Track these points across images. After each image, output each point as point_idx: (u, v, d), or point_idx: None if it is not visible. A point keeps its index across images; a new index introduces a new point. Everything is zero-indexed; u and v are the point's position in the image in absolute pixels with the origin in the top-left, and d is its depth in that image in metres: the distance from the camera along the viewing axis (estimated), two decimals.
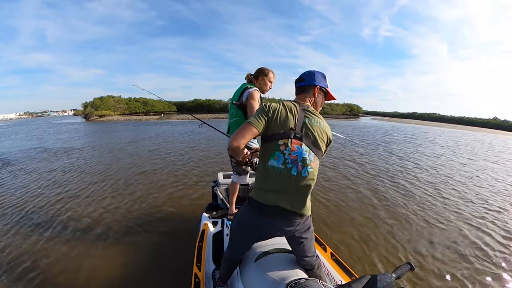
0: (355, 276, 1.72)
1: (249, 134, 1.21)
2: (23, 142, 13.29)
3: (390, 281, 0.95)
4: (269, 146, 1.26)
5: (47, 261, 2.83)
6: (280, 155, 1.22)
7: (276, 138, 1.24)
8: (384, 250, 3.16)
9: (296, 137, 1.24)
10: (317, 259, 1.46)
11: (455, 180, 6.62)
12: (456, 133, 27.11)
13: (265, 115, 1.26)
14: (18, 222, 3.72)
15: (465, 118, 76.15)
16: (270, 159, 1.24)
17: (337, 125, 28.69)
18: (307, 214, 1.32)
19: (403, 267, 1.04)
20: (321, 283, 1.14)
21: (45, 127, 24.33)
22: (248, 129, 1.22)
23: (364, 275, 0.99)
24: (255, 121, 1.23)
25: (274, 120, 1.25)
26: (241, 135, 1.20)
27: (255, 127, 1.22)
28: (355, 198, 4.95)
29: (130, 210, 4.17)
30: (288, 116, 1.26)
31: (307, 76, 1.40)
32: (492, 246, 3.35)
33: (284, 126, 1.24)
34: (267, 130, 1.26)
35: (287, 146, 1.22)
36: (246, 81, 2.38)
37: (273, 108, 1.28)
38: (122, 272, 2.64)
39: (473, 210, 4.56)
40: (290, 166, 1.22)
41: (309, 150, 1.24)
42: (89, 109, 38.99)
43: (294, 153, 1.21)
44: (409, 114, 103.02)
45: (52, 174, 6.37)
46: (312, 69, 1.42)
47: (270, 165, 1.24)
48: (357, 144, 8.51)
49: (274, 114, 1.26)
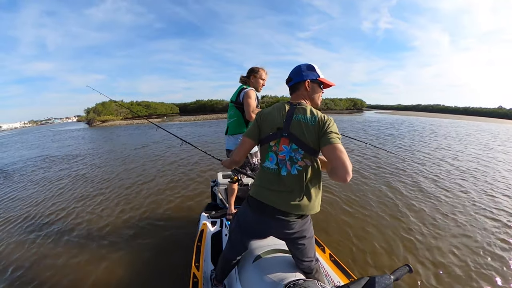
0: (353, 277, 1.71)
1: (247, 145, 1.36)
2: (23, 151, 13.23)
3: (389, 282, 0.95)
4: (264, 148, 1.34)
5: (46, 261, 2.90)
6: (273, 155, 1.29)
7: (268, 139, 1.30)
8: (384, 251, 3.05)
9: (283, 136, 1.26)
10: (316, 263, 1.45)
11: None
12: (477, 125, 26.28)
13: (256, 122, 1.36)
14: (20, 228, 3.76)
15: (470, 108, 74.98)
16: (266, 160, 1.32)
17: (343, 120, 28.22)
18: (305, 214, 1.29)
19: (401, 269, 1.04)
20: (319, 284, 1.16)
21: (41, 135, 24.30)
22: (245, 141, 1.37)
23: (362, 277, 0.99)
24: (249, 132, 1.36)
25: (264, 124, 1.32)
26: (242, 150, 1.39)
27: (250, 138, 1.35)
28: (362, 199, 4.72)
29: (129, 209, 4.16)
30: (276, 117, 1.30)
31: (295, 73, 1.37)
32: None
33: (272, 127, 1.29)
34: (260, 134, 1.34)
35: (277, 147, 1.27)
36: (241, 84, 2.50)
37: (264, 113, 1.35)
38: (120, 272, 2.64)
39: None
40: (281, 166, 1.26)
41: (296, 148, 1.24)
42: (91, 115, 39.11)
43: (282, 153, 1.26)
44: (412, 106, 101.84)
45: (43, 183, 6.21)
46: (300, 64, 1.39)
47: (265, 166, 1.32)
48: (394, 154, 7.57)
49: (264, 118, 1.33)
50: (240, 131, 2.41)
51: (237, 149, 1.42)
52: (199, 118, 36.75)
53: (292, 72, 1.39)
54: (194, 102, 59.82)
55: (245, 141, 1.37)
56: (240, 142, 1.40)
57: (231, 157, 1.44)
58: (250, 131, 1.37)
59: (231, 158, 1.45)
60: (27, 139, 20.86)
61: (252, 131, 1.36)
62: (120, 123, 36.38)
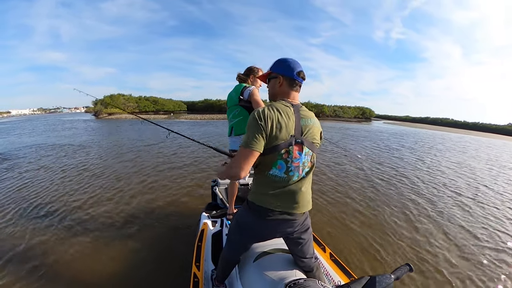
0: (354, 277, 1.70)
1: (252, 159, 1.14)
2: (18, 138, 13.04)
3: (389, 282, 0.94)
4: (271, 156, 1.19)
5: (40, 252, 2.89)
6: (283, 163, 1.19)
7: (279, 148, 1.17)
8: (384, 251, 3.08)
9: (297, 142, 1.20)
10: (316, 261, 1.46)
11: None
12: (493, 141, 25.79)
13: (263, 132, 1.13)
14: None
15: (479, 124, 73.80)
16: (272, 168, 1.21)
17: (354, 129, 27.72)
18: (307, 210, 1.33)
19: (402, 268, 1.03)
20: (320, 283, 1.16)
21: (40, 123, 24.24)
22: (253, 155, 1.13)
23: (363, 276, 0.98)
24: (254, 144, 1.12)
25: (274, 132, 1.15)
26: (247, 164, 1.13)
27: (256, 150, 1.13)
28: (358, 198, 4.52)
29: (129, 208, 4.07)
30: (287, 123, 1.18)
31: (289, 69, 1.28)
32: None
33: (285, 135, 1.17)
34: (268, 144, 1.16)
35: (289, 154, 1.19)
36: (239, 82, 2.43)
37: (270, 120, 1.14)
38: (120, 271, 2.58)
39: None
40: (292, 173, 1.21)
41: (308, 151, 1.24)
42: (98, 107, 39.44)
43: (296, 160, 1.20)
44: (421, 118, 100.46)
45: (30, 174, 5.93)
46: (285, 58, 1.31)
47: (271, 174, 1.22)
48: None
49: (273, 126, 1.14)
50: None
51: (242, 164, 1.13)
52: (205, 117, 36.64)
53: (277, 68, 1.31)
54: (202, 101, 59.80)
55: (252, 154, 1.13)
56: (243, 155, 1.13)
57: (234, 173, 1.15)
58: (256, 142, 1.12)
59: (233, 173, 1.16)
60: (27, 126, 20.83)
61: (258, 143, 1.12)
62: (126, 117, 36.48)
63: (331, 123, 36.91)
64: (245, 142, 1.13)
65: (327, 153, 9.85)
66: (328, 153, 10.00)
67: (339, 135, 18.81)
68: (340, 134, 20.12)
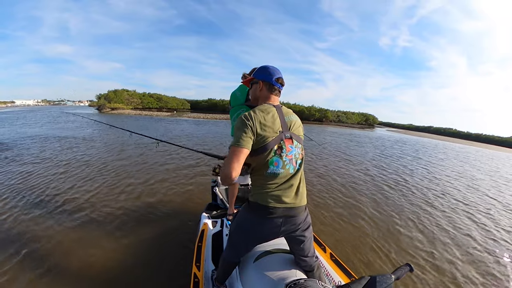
0: (354, 277, 1.69)
1: (243, 157, 1.18)
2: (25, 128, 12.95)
3: (390, 282, 0.93)
4: (266, 155, 1.25)
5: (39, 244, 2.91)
6: (278, 159, 1.26)
7: (271, 145, 1.24)
8: (384, 251, 3.10)
9: (286, 137, 1.28)
10: (316, 260, 1.46)
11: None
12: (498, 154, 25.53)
13: (250, 131, 1.21)
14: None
15: (483, 135, 73.03)
16: (270, 167, 1.26)
17: (361, 135, 27.51)
18: (305, 203, 1.37)
19: (402, 268, 1.03)
20: (320, 283, 1.15)
21: (40, 115, 24.25)
22: (242, 153, 1.18)
23: (363, 276, 0.98)
24: (242, 142, 1.19)
25: (263, 131, 1.23)
26: (237, 163, 1.16)
27: (245, 147, 1.18)
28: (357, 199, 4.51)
29: (129, 208, 3.98)
30: (273, 121, 1.27)
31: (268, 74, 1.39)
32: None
33: (274, 131, 1.26)
34: (258, 143, 1.23)
35: (282, 149, 1.26)
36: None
37: (256, 120, 1.23)
38: (120, 271, 2.54)
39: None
40: (288, 166, 1.28)
41: (297, 144, 1.34)
42: (102, 101, 39.53)
43: (289, 153, 1.28)
44: (424, 127, 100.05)
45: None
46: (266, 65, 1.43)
47: (270, 172, 1.27)
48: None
49: (260, 125, 1.23)
50: None
51: (232, 163, 1.15)
52: (208, 116, 36.52)
53: (266, 73, 1.40)
54: (206, 101, 59.89)
55: (242, 152, 1.18)
56: (234, 155, 1.17)
57: (225, 173, 1.16)
58: (245, 140, 1.19)
59: (224, 174, 1.17)
60: (31, 116, 20.76)
61: (247, 142, 1.19)
62: (129, 113, 36.47)
63: (335, 128, 36.70)
64: (234, 141, 1.20)
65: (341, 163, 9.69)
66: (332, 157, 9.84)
67: (344, 141, 18.58)
68: (346, 140, 19.90)
